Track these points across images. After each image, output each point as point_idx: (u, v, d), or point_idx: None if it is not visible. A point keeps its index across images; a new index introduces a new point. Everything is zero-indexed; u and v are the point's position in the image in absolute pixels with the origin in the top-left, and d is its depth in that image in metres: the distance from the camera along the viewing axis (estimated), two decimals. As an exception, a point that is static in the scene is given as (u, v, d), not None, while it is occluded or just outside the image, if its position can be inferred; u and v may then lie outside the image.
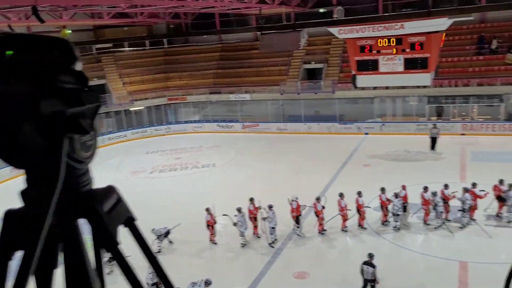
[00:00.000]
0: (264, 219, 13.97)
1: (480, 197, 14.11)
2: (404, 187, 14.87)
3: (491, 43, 27.20)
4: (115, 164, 24.98)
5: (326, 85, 30.10)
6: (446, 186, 14.48)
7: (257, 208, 14.51)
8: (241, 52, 35.85)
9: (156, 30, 37.78)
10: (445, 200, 14.18)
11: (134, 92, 33.42)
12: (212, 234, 14.41)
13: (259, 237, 14.60)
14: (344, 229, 14.56)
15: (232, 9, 27.81)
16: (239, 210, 14.12)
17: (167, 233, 14.25)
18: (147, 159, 26.42)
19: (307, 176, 20.51)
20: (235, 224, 14.07)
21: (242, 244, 14.15)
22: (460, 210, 14.07)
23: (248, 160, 24.42)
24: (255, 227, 14.64)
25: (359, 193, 14.47)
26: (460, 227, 14.02)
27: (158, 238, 13.81)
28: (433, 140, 23.01)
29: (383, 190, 14.61)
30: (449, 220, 14.31)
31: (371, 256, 10.80)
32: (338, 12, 28.05)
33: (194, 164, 24.51)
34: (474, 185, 14.46)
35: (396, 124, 27.50)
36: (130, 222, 0.97)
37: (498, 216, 14.44)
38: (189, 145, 28.77)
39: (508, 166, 19.15)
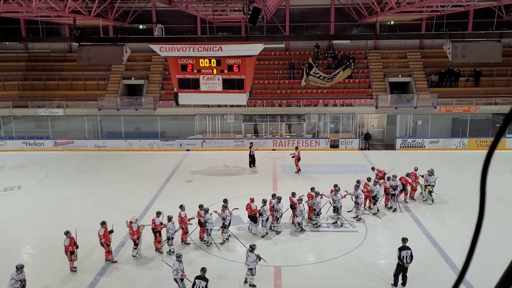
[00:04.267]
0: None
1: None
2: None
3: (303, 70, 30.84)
4: None
5: (147, 101, 29.72)
6: (274, 196, 15.84)
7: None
8: (51, 63, 32.79)
9: None
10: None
11: None
12: (71, 260, 12.97)
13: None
14: (186, 242, 14.66)
15: (41, 16, 25.24)
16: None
17: None
18: None
19: (129, 195, 19.81)
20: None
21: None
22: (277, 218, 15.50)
23: (62, 180, 22.27)
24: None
25: (201, 207, 14.85)
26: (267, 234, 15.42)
27: None
28: (252, 158, 24.41)
29: (201, 206, 14.89)
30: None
31: (203, 270, 11.00)
32: (158, 30, 28.15)
33: (-7, 188, 21.18)
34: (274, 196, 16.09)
35: (216, 140, 28.82)
36: None
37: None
38: (-14, 166, 24.79)
39: (309, 176, 22.00)
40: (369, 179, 17.29)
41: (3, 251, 14.39)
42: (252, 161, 24.48)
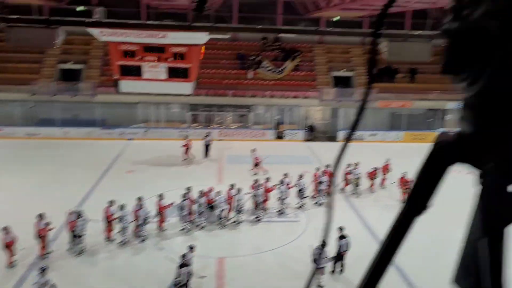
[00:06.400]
0: None
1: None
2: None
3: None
4: None
5: (85, 87, 28.31)
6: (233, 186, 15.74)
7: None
8: (-22, 43, 30.26)
9: None
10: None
11: None
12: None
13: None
14: (110, 239, 14.08)
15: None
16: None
17: None
18: None
19: (62, 186, 18.66)
20: None
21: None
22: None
23: (-13, 171, 20.70)
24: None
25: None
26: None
27: None
28: (207, 148, 24.15)
29: (111, 203, 14.11)
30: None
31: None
32: (99, 13, 26.73)
33: None
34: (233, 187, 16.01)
35: (160, 130, 28.08)
36: None
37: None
38: None
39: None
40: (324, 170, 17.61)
41: None
42: (206, 151, 24.13)
